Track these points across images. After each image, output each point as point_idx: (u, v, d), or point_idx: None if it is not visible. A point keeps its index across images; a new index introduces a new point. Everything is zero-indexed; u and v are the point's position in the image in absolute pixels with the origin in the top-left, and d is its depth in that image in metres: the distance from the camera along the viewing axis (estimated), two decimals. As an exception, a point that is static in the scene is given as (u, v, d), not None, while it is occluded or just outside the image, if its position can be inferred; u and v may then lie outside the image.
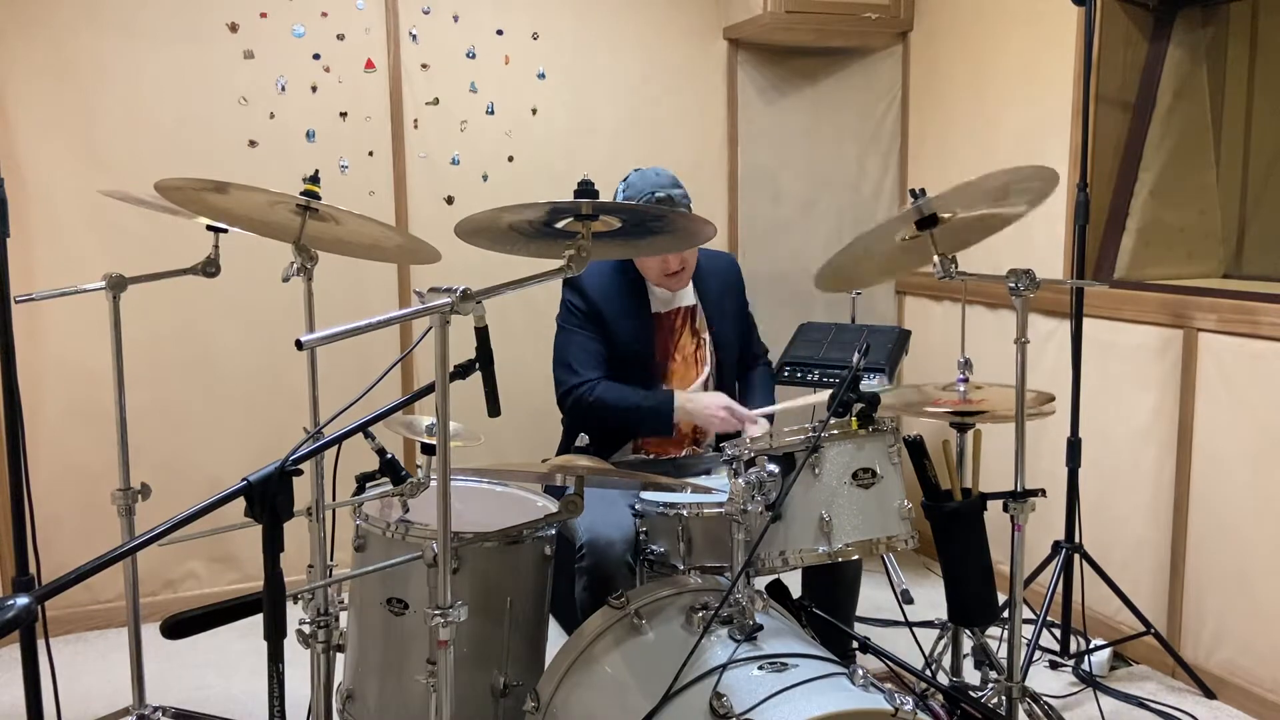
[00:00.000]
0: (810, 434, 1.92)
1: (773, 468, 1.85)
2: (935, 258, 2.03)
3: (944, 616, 2.39)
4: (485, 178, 3.47)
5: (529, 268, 1.55)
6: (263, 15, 3.19)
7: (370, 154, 3.34)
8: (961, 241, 2.12)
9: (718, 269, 2.81)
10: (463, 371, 1.66)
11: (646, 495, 2.17)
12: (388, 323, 1.45)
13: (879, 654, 2.16)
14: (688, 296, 2.74)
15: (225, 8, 3.15)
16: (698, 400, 2.57)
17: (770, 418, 2.62)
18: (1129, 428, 2.92)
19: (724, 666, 1.69)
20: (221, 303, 3.21)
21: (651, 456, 2.66)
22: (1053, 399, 2.41)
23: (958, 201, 1.99)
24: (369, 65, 3.31)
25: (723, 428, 2.56)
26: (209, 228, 2.32)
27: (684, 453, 2.68)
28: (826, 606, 2.26)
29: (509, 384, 2.09)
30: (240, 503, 1.32)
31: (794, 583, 2.37)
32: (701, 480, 2.37)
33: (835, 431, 1.92)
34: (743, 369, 2.85)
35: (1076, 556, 2.86)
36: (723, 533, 1.98)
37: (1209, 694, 2.71)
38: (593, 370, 2.59)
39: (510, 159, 3.49)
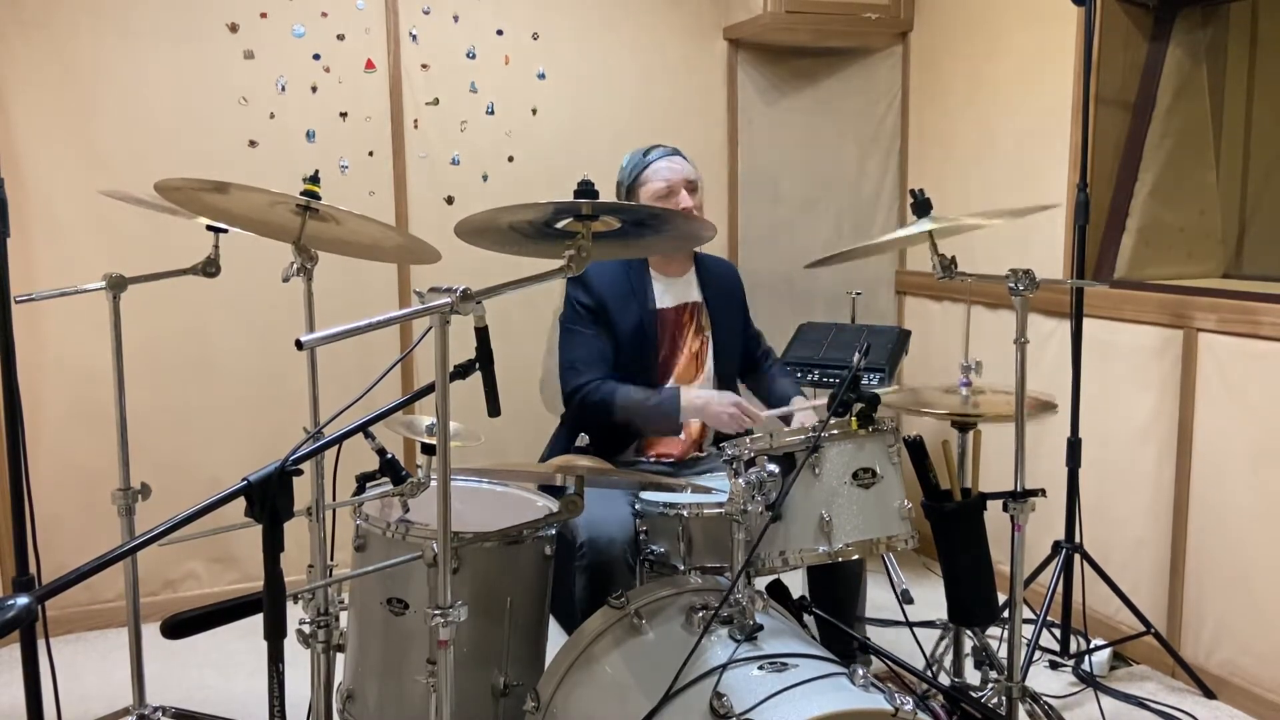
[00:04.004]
0: (810, 434, 1.92)
1: (773, 468, 1.85)
2: (935, 258, 2.04)
3: (944, 616, 2.39)
4: (485, 178, 3.47)
5: (529, 268, 1.55)
6: (263, 15, 3.18)
7: (370, 154, 3.34)
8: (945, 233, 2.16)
9: (721, 274, 2.81)
10: (463, 371, 1.66)
11: (646, 495, 2.16)
12: (388, 323, 1.45)
13: (879, 654, 2.16)
14: (693, 293, 2.73)
15: (225, 8, 3.15)
16: (705, 397, 2.52)
17: (787, 419, 2.54)
18: (1129, 428, 2.91)
19: (724, 666, 1.69)
20: (221, 303, 3.21)
21: (653, 458, 2.66)
22: (1055, 406, 2.41)
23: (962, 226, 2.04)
24: (369, 65, 3.31)
25: (733, 426, 2.46)
26: (209, 228, 2.32)
27: (687, 455, 2.68)
28: (830, 606, 2.26)
29: (509, 384, 2.10)
30: (240, 503, 1.32)
31: (796, 583, 2.37)
32: (701, 480, 2.36)
33: (835, 431, 1.93)
34: (753, 365, 2.85)
35: (1076, 556, 2.86)
36: (723, 533, 1.98)
37: (1209, 694, 2.71)
38: (597, 369, 2.56)
39: (510, 159, 3.49)
